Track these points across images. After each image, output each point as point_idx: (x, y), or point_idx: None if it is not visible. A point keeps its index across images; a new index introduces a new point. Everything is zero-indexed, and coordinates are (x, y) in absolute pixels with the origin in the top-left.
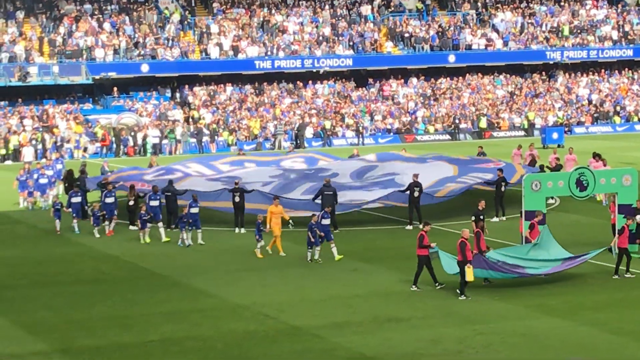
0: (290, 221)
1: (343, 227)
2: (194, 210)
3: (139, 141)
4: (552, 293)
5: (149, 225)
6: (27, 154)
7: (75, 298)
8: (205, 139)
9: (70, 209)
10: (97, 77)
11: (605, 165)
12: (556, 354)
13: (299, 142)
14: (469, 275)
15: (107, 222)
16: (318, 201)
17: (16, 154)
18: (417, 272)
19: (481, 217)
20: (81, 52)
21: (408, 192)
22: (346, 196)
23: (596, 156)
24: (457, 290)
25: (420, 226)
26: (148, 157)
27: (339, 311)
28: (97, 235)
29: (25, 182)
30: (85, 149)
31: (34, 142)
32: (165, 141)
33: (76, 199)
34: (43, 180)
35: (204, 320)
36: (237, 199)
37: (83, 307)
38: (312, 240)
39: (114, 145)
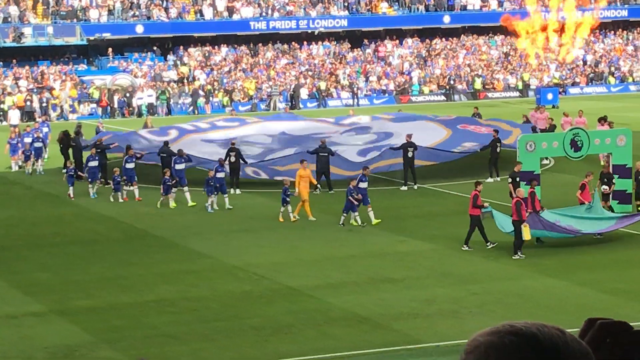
0: (319, 186)
1: (338, 187)
2: (220, 174)
3: (134, 103)
4: (547, 253)
5: (173, 190)
6: (13, 116)
7: (71, 259)
8: (200, 100)
9: (86, 174)
10: (91, 38)
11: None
12: (553, 314)
13: (294, 103)
14: (526, 234)
15: (130, 187)
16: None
17: (6, 115)
18: (470, 231)
19: (517, 179)
20: (75, 13)
21: (402, 151)
22: (341, 155)
23: (602, 119)
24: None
25: (415, 187)
26: (143, 118)
27: (333, 272)
28: (121, 200)
29: (16, 145)
30: (75, 111)
31: (28, 103)
32: (158, 102)
33: (93, 163)
34: (38, 144)
35: (200, 281)
36: (232, 159)
37: (79, 268)
38: (356, 204)
39: (109, 107)
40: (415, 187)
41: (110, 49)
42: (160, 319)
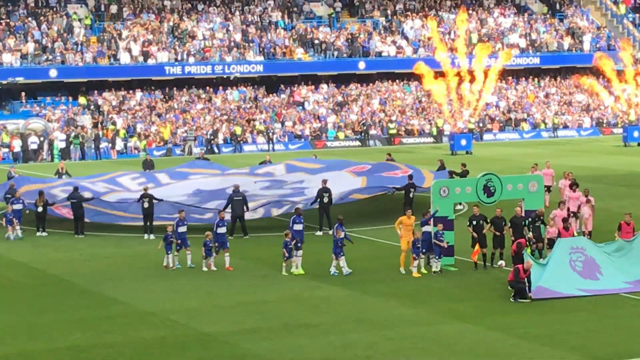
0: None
1: (253, 233)
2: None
3: (45, 147)
4: (462, 298)
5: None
6: None
7: None
8: (106, 144)
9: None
10: (4, 82)
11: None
12: (464, 358)
13: (214, 148)
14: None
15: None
16: (228, 210)
17: None
18: None
19: (475, 222)
20: None
21: (318, 199)
22: (256, 202)
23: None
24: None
25: (330, 232)
26: (56, 162)
27: (249, 317)
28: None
29: None
30: None
31: None
32: (71, 147)
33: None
34: None
35: (113, 327)
36: (145, 204)
37: None
38: (444, 246)
39: (22, 151)
40: (330, 232)
41: (23, 93)
42: None
